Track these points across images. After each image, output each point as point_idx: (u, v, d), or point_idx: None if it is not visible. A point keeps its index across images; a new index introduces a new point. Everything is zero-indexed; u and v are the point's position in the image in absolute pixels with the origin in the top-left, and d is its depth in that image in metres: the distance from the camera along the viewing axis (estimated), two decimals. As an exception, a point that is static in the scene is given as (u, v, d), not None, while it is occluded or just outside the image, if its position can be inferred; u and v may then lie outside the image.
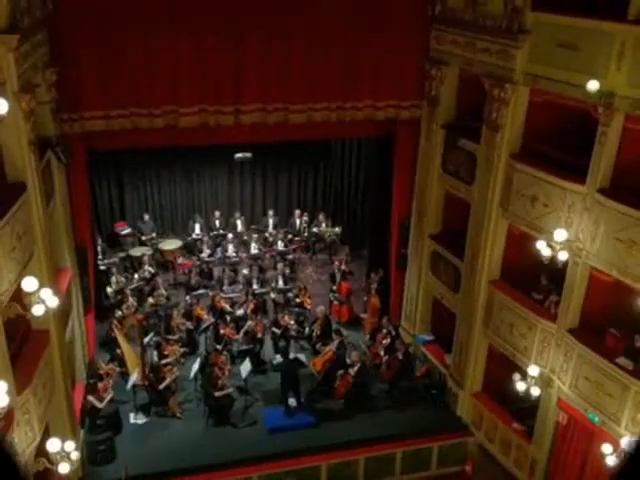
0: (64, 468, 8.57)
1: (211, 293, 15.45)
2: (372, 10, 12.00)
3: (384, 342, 13.95)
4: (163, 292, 15.32)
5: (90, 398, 11.72)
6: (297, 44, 11.99)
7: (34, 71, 9.78)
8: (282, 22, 11.75)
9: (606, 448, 9.08)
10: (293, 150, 18.13)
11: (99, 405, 11.65)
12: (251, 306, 14.73)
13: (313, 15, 11.89)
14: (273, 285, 16.04)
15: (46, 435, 9.22)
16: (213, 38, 11.57)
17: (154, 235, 17.78)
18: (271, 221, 18.39)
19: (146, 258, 16.32)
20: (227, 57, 11.81)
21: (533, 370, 10.42)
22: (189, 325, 14.29)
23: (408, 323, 15.02)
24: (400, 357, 13.32)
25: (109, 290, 15.36)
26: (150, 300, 15.04)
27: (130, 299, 14.62)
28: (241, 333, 14.02)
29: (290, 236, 18.15)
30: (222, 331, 13.92)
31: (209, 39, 11.58)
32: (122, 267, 16.68)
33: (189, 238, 17.93)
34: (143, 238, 17.62)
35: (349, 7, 11.93)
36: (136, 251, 17.03)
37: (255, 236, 17.81)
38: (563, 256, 9.53)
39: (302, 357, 13.00)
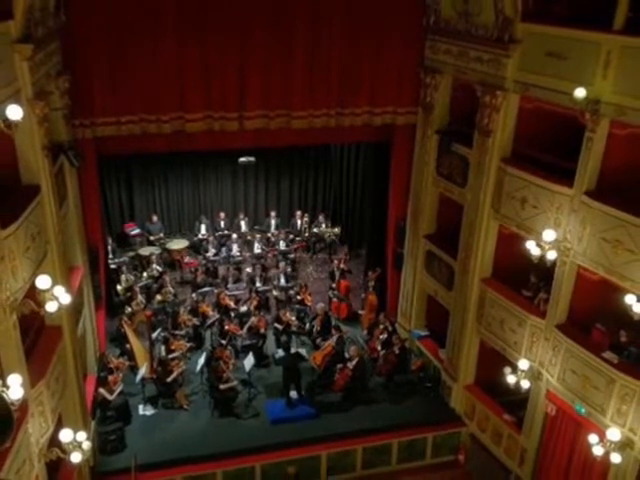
0: (76, 457, 8.59)
1: (216, 291, 15.62)
2: (370, 21, 12.18)
3: (381, 337, 14.10)
4: (170, 290, 15.50)
5: (101, 390, 11.94)
6: (298, 53, 12.19)
7: (47, 79, 9.93)
8: (283, 30, 11.97)
9: (592, 438, 9.12)
10: (294, 154, 18.37)
11: (109, 397, 11.89)
12: (254, 303, 14.95)
13: (313, 23, 12.08)
14: (275, 283, 16.21)
15: (59, 426, 9.35)
16: (216, 46, 11.80)
17: (162, 235, 18.04)
18: (273, 222, 18.62)
19: (154, 257, 16.54)
20: (231, 62, 12.00)
21: (523, 364, 10.50)
22: (195, 321, 14.46)
23: (404, 319, 15.15)
24: (396, 352, 13.48)
25: (119, 288, 15.57)
26: (158, 297, 15.25)
27: (139, 296, 14.85)
28: (245, 329, 14.17)
29: (291, 236, 18.39)
30: (227, 327, 14.07)
31: (213, 46, 11.80)
32: (131, 266, 16.90)
33: (195, 238, 18.18)
34: (151, 238, 17.87)
35: (348, 18, 12.11)
36: (145, 250, 17.25)
37: (258, 236, 18.05)
38: (552, 255, 9.62)
39: (303, 352, 13.07)
